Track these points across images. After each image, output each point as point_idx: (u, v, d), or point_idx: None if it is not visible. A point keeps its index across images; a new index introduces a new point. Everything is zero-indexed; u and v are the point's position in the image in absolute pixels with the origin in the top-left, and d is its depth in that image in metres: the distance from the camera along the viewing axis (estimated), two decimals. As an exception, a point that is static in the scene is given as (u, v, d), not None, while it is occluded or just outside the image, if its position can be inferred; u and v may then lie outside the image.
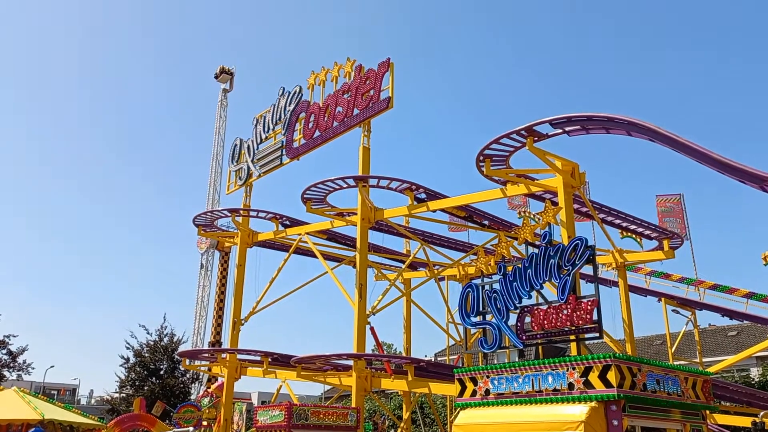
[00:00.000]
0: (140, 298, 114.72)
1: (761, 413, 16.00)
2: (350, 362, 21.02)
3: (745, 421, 20.14)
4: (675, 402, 10.70)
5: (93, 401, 69.73)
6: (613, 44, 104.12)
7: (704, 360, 28.50)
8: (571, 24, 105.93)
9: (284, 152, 26.40)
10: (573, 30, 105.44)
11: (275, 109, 27.27)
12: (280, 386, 24.34)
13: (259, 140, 28.14)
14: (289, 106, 26.42)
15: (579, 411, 9.77)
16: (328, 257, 26.83)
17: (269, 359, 23.89)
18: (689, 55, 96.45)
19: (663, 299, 27.45)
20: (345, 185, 22.31)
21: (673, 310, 27.89)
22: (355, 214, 22.38)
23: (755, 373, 33.03)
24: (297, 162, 25.98)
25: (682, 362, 28.19)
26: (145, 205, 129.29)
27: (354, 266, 23.20)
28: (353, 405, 19.29)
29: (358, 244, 21.92)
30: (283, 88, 27.07)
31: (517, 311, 12.31)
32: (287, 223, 26.47)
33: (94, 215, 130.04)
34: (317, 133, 24.63)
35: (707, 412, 12.01)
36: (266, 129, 27.74)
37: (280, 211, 26.31)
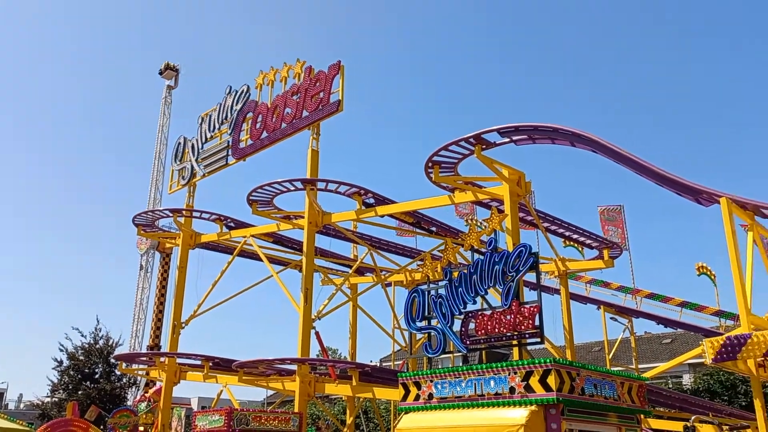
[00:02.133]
0: (75, 301, 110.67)
1: (692, 418, 16.56)
2: (294, 367, 20.76)
3: (678, 426, 20.87)
4: (611, 406, 10.95)
5: (22, 406, 66.71)
6: (554, 56, 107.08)
7: (640, 366, 29.38)
8: (514, 35, 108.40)
9: (230, 152, 25.94)
10: (520, 40, 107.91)
11: (221, 108, 26.79)
12: (221, 391, 23.84)
13: (204, 139, 27.58)
14: (236, 105, 26.00)
15: (519, 415, 9.89)
16: (273, 261, 26.45)
17: (210, 364, 23.38)
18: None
19: (602, 307, 28.18)
20: (292, 188, 22.06)
21: (611, 318, 28.69)
22: (303, 217, 22.15)
23: (687, 379, 34.29)
24: (243, 163, 25.57)
25: (619, 368, 29.00)
26: (82, 204, 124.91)
27: (300, 270, 22.95)
28: (296, 410, 19.05)
29: (304, 248, 21.70)
30: (230, 87, 26.64)
31: (462, 317, 12.42)
32: (232, 224, 25.99)
33: (27, 214, 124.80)
34: (265, 134, 24.30)
35: (642, 416, 12.35)
36: (212, 128, 27.22)
37: (224, 213, 25.82)
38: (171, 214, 26.91)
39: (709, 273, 28.66)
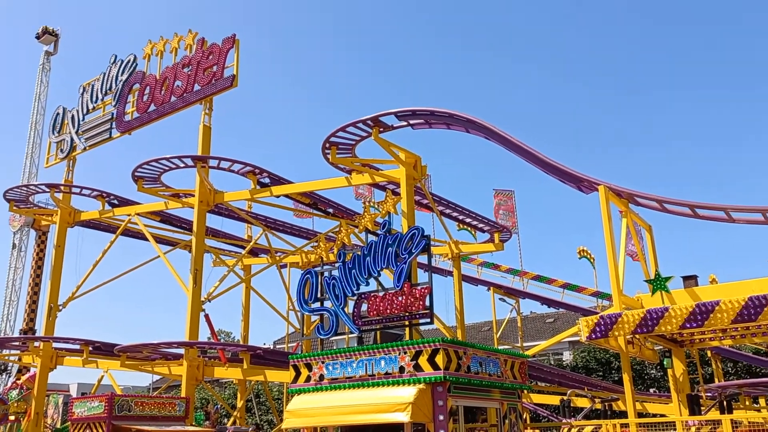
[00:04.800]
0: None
1: (569, 392, 17.60)
2: (181, 351, 20.05)
3: (556, 399, 22.15)
4: (495, 382, 11.39)
5: None
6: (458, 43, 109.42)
7: (525, 344, 30.86)
8: (423, 22, 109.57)
9: (114, 125, 24.47)
10: (428, 26, 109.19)
11: (105, 77, 25.16)
12: (102, 376, 22.63)
13: (85, 110, 25.82)
14: (122, 75, 24.49)
15: (408, 393, 10.06)
16: (160, 240, 25.34)
17: (90, 348, 22.14)
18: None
19: (492, 288, 29.26)
20: (182, 165, 21.16)
21: (500, 299, 29.85)
22: (193, 195, 21.33)
23: (567, 356, 36.50)
24: (129, 137, 24.26)
25: (506, 346, 30.34)
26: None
27: (189, 251, 22.11)
28: (183, 395, 18.42)
29: (194, 228, 20.92)
30: (116, 56, 25.07)
31: (355, 298, 12.44)
32: (115, 202, 24.58)
33: None
34: (152, 107, 23.10)
35: (523, 391, 12.94)
36: (94, 99, 25.52)
37: (107, 189, 24.34)
38: (47, 190, 25.04)
39: (588, 256, 30.53)
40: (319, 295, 12.89)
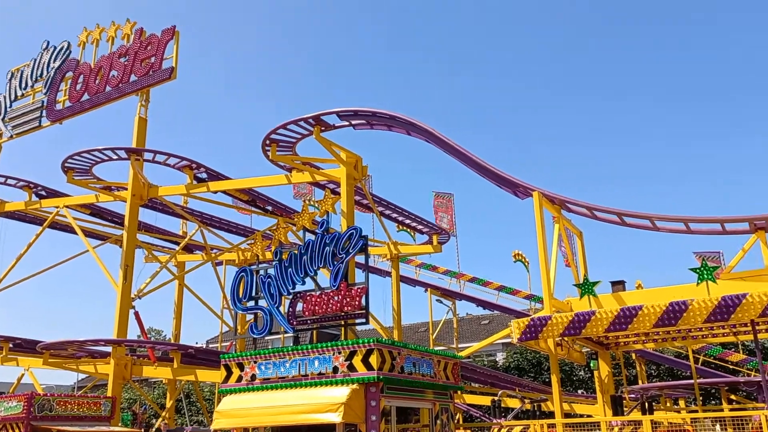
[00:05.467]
0: None
1: (499, 392, 17.98)
2: (109, 349, 19.39)
3: (488, 400, 22.58)
4: (428, 383, 11.49)
5: None
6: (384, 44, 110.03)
7: (460, 345, 31.37)
8: (366, 21, 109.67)
9: (44, 114, 23.48)
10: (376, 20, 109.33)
11: (37, 64, 24.13)
12: (22, 375, 21.63)
13: (13, 97, 24.69)
14: (54, 62, 23.54)
15: (340, 393, 10.03)
16: (90, 234, 24.46)
17: (10, 345, 21.14)
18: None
19: (429, 290, 29.60)
20: (116, 157, 20.53)
21: (437, 300, 30.22)
22: (126, 189, 20.68)
23: (500, 357, 37.26)
24: (60, 126, 23.34)
25: (441, 348, 30.72)
26: None
27: (120, 246, 21.43)
28: (109, 394, 17.81)
29: (126, 222, 20.30)
30: (48, 42, 24.10)
31: (290, 297, 12.34)
32: (43, 193, 23.60)
33: None
34: (86, 97, 22.30)
35: (456, 392, 13.13)
36: (23, 85, 24.44)
37: (35, 180, 23.32)
38: (-31, 179, 23.79)
39: (523, 260, 31.25)
40: (253, 294, 12.72)
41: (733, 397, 22.62)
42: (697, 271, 11.26)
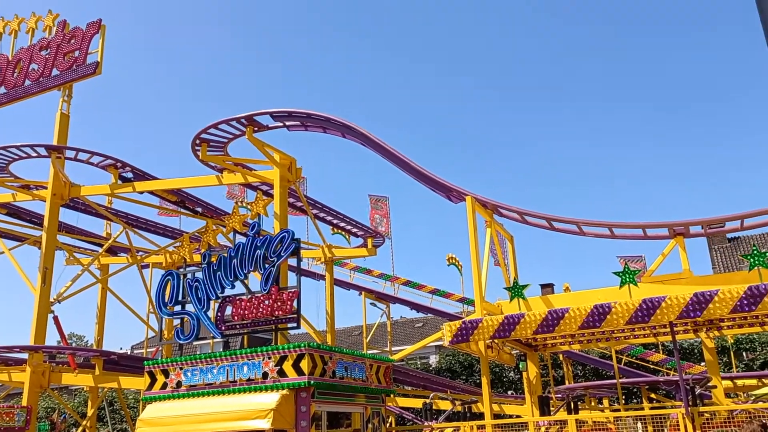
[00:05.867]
0: None
1: (431, 395, 18.10)
2: (25, 356, 18.37)
3: (420, 403, 22.71)
4: (360, 387, 11.43)
5: None
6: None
7: (393, 348, 31.43)
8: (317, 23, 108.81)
9: (-44, 107, 22.06)
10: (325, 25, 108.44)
11: (-53, 53, 22.63)
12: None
13: None
14: (-34, 52, 22.15)
15: (270, 399, 9.84)
16: (6, 235, 23.16)
17: None
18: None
19: (363, 293, 29.54)
20: (35, 154, 19.53)
21: (371, 303, 30.19)
22: (45, 188, 19.68)
23: (433, 360, 37.62)
24: (-27, 121, 21.98)
25: (375, 351, 30.71)
26: None
27: (39, 247, 20.37)
28: (24, 403, 16.86)
29: (45, 223, 19.30)
30: (-41, 31, 22.64)
31: (219, 301, 12.02)
32: (-46, 191, 22.13)
33: None
34: (2, 90, 21.12)
35: (388, 395, 13.12)
36: (-68, 76, 22.88)
37: (-55, 177, 21.84)
38: None
39: (456, 263, 31.66)
40: (180, 298, 12.34)
41: (653, 395, 23.61)
42: (620, 274, 11.64)
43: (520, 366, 15.17)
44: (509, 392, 31.02)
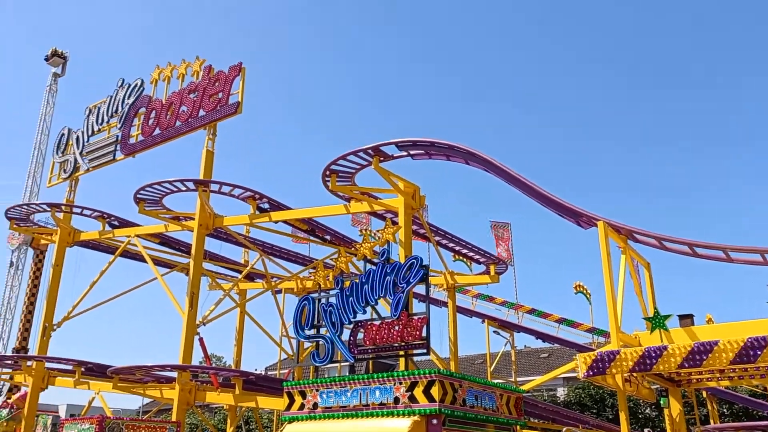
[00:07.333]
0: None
1: (564, 429, 17.45)
2: (174, 374, 19.89)
3: (550, 436, 21.94)
4: (490, 417, 11.29)
5: None
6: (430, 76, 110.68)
7: (518, 379, 30.65)
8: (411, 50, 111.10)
9: (119, 147, 24.65)
10: (419, 54, 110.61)
11: (112, 100, 25.44)
12: (93, 398, 22.40)
13: (90, 132, 26.06)
14: (129, 99, 24.76)
15: (402, 425, 9.97)
16: (159, 263, 25.33)
17: (82, 369, 21.91)
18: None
19: (486, 321, 29.15)
20: (184, 188, 21.27)
21: (494, 332, 29.72)
22: (193, 219, 21.39)
23: (561, 392, 36.20)
24: (132, 160, 24.42)
25: (500, 380, 30.07)
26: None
27: (187, 274, 22.10)
28: (173, 419, 18.22)
29: (192, 251, 20.94)
30: (123, 80, 25.39)
31: (351, 326, 12.41)
32: (116, 223, 24.63)
33: None
34: (157, 131, 23.32)
35: (518, 427, 12.83)
36: (100, 121, 25.77)
37: (108, 210, 24.42)
38: (49, 209, 25.11)
39: (585, 291, 30.44)
40: (315, 322, 12.85)
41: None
42: (777, 305, 10.76)
43: (662, 402, 14.29)
44: (645, 430, 29.10)
